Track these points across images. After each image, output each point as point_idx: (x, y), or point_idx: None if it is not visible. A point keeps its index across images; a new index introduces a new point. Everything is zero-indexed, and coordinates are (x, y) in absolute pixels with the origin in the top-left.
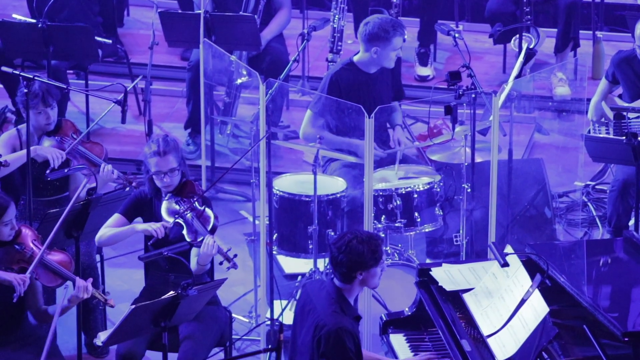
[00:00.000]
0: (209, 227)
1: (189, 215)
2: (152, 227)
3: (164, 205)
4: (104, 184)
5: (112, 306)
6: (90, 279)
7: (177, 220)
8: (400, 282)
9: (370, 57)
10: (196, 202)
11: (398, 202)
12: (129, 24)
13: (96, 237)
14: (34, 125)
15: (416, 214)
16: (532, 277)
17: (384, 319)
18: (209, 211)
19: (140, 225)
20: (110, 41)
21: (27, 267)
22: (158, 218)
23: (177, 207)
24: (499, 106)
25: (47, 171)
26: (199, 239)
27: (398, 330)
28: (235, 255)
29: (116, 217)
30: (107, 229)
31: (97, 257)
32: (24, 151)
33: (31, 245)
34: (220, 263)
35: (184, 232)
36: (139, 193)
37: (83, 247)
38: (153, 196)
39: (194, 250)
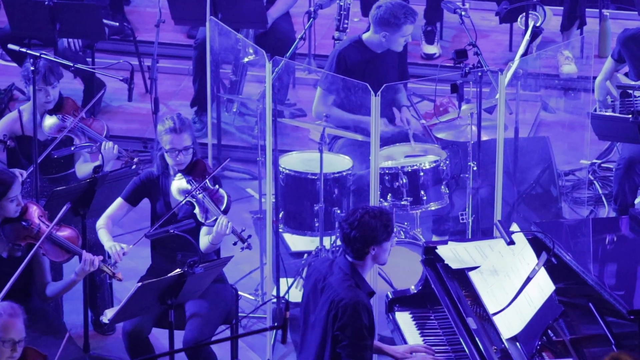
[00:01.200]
0: (223, 207)
1: (200, 195)
2: (114, 249)
3: (175, 184)
4: (107, 162)
5: (120, 280)
6: (101, 256)
7: (188, 199)
8: (407, 260)
9: (379, 39)
10: (208, 182)
11: (404, 180)
12: (136, 2)
13: (97, 223)
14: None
15: (422, 192)
16: (538, 255)
17: (390, 297)
18: (222, 191)
19: (106, 244)
20: (117, 23)
21: (34, 243)
22: (167, 196)
23: (188, 186)
24: (505, 84)
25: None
26: (211, 219)
27: (404, 308)
28: (250, 236)
29: (118, 202)
30: (101, 228)
31: None
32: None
33: (38, 221)
34: (234, 243)
35: (196, 211)
36: (145, 175)
37: (90, 224)
38: (161, 174)
39: (204, 230)
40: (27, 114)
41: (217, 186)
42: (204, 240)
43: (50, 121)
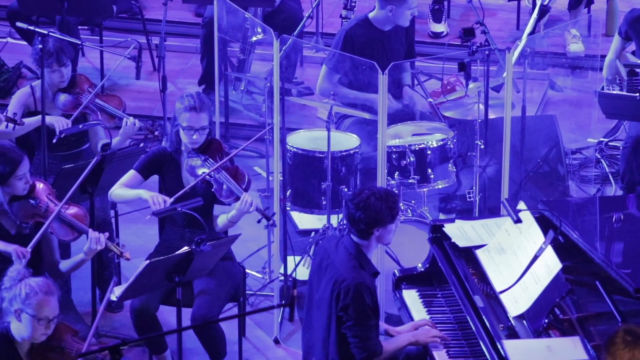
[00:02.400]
0: (244, 185)
1: (217, 175)
2: (155, 199)
3: (189, 162)
4: (127, 137)
5: (128, 259)
6: (107, 233)
7: (206, 178)
8: (414, 239)
9: (385, 14)
10: (227, 161)
11: (411, 159)
12: None
13: (109, 192)
14: (48, 82)
15: (429, 171)
16: (545, 233)
17: (397, 275)
18: (242, 170)
19: (145, 194)
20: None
21: (42, 222)
22: (179, 174)
23: (202, 164)
24: (513, 63)
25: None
26: (232, 197)
27: (411, 286)
28: (274, 214)
29: (131, 173)
30: (119, 188)
31: (112, 213)
32: (39, 117)
33: (46, 199)
34: (258, 221)
35: (214, 190)
36: (158, 150)
37: (97, 203)
38: (173, 151)
39: (218, 208)
40: (40, 90)
41: (236, 165)
42: (222, 218)
43: (64, 97)
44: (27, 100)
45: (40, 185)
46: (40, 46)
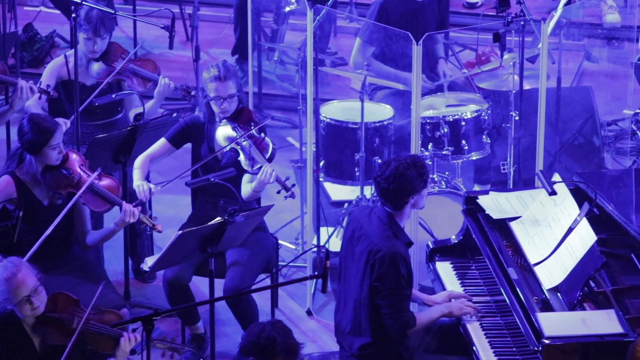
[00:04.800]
0: (267, 156)
1: (245, 143)
2: (140, 188)
3: (220, 131)
4: (162, 98)
5: (159, 231)
6: (140, 207)
7: (232, 146)
8: (447, 210)
9: None
10: (254, 130)
11: (445, 130)
12: None
13: (135, 162)
14: (82, 49)
15: (464, 142)
16: (580, 205)
17: (431, 246)
18: (267, 139)
19: (136, 181)
20: None
21: (75, 192)
22: (211, 142)
23: (233, 132)
24: (548, 33)
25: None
26: (255, 167)
27: (445, 258)
28: (294, 185)
29: (161, 142)
30: (139, 166)
31: None
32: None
33: (79, 170)
34: (278, 192)
35: (240, 159)
36: (191, 119)
37: (130, 173)
38: (207, 121)
39: (246, 177)
40: (74, 60)
41: (262, 134)
42: (247, 187)
43: (97, 65)
44: (61, 70)
45: (73, 156)
46: (73, 15)
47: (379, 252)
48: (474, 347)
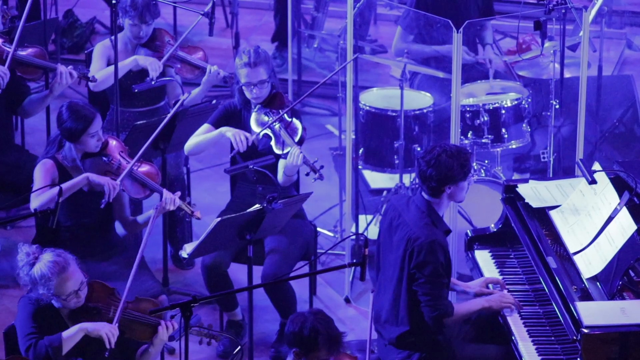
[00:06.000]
0: (297, 139)
1: (277, 126)
2: (238, 137)
3: (253, 117)
4: (209, 86)
5: (198, 218)
6: (178, 192)
7: (265, 131)
8: (487, 199)
9: None
10: (285, 114)
11: (485, 118)
12: None
13: (185, 146)
14: (127, 35)
15: (503, 130)
16: (620, 194)
17: (470, 235)
18: (297, 122)
19: (229, 132)
20: None
21: (114, 179)
22: (247, 129)
23: (266, 118)
24: (589, 22)
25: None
26: (285, 150)
27: (483, 246)
28: (322, 167)
29: (205, 127)
30: (197, 137)
31: (184, 170)
32: (112, 69)
33: (118, 156)
34: (307, 174)
35: (272, 143)
36: (229, 104)
37: (170, 159)
38: (242, 107)
39: (281, 162)
40: (120, 43)
41: (292, 118)
42: (281, 172)
43: (143, 52)
44: (109, 52)
45: (113, 142)
46: (114, 1)
47: (418, 240)
48: (512, 337)
